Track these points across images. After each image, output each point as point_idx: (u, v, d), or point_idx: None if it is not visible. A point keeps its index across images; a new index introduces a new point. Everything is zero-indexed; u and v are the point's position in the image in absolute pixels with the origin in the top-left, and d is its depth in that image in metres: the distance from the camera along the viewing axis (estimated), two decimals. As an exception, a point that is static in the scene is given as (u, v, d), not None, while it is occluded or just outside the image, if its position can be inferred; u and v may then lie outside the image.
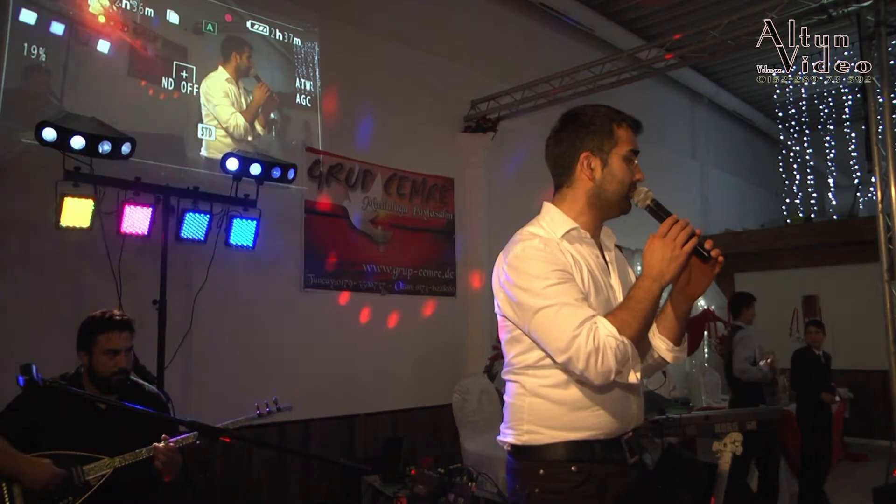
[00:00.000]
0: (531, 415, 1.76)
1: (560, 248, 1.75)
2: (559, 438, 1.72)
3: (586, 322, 1.60)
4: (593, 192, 1.83)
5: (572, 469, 1.71)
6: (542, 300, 1.65)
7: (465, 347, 6.25)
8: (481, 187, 6.50)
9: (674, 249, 1.64)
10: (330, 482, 5.10)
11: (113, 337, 2.74)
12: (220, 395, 4.30)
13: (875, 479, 5.18)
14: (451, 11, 6.65)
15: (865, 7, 4.52)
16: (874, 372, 7.54)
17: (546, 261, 1.70)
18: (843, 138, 10.50)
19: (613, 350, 1.58)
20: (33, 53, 4.00)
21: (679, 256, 1.64)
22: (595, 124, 1.82)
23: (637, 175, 1.81)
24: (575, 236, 1.82)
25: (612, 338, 1.58)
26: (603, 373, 1.59)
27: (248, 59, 4.96)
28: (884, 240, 4.56)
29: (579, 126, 1.84)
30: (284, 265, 5.07)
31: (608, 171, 1.80)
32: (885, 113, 4.50)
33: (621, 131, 1.80)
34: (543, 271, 1.68)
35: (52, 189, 3.64)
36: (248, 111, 4.92)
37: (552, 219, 1.85)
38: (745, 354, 5.43)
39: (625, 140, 1.80)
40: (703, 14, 7.42)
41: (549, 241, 1.76)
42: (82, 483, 2.55)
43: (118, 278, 3.93)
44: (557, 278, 1.67)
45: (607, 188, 1.81)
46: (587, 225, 1.85)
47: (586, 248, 1.83)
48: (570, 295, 1.65)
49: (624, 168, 1.79)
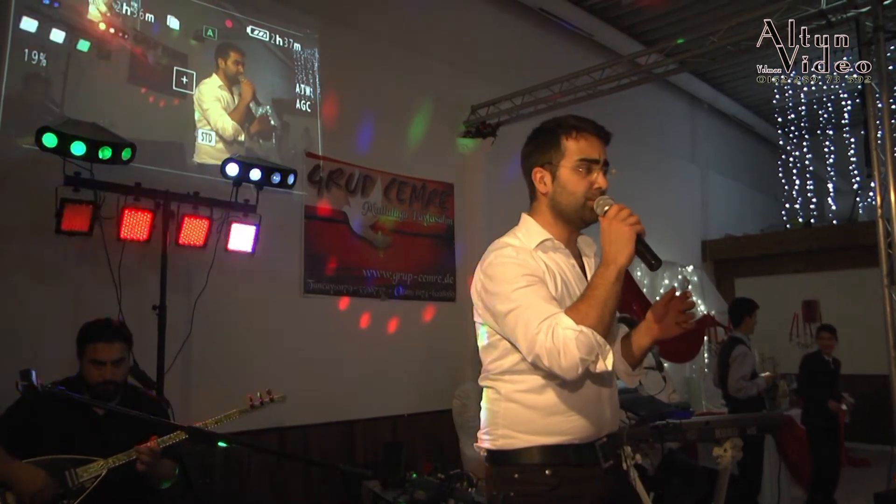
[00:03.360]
0: (506, 419, 1.81)
1: (533, 256, 1.81)
2: (533, 443, 1.77)
3: (546, 319, 1.64)
4: (551, 205, 1.88)
5: (546, 473, 1.75)
6: (509, 303, 1.72)
7: (464, 353, 6.23)
8: (481, 192, 6.51)
9: (620, 227, 1.68)
10: (330, 487, 5.09)
11: (98, 348, 2.74)
12: (220, 401, 4.25)
13: (876, 485, 5.17)
14: (450, 17, 6.66)
15: (864, 13, 4.53)
16: (875, 377, 7.52)
17: (516, 266, 1.76)
18: (843, 143, 10.52)
19: (575, 342, 1.60)
20: (34, 60, 4.02)
21: (624, 234, 1.67)
22: (542, 138, 1.89)
23: (596, 183, 1.82)
24: (549, 246, 1.86)
25: (570, 330, 1.62)
26: (569, 367, 1.62)
27: (234, 63, 4.95)
28: (883, 245, 4.56)
29: (530, 142, 1.93)
30: (284, 270, 5.07)
31: (558, 183, 1.85)
32: (885, 118, 4.50)
33: (571, 142, 1.83)
34: (513, 276, 1.74)
35: (52, 194, 3.65)
36: (235, 111, 4.90)
37: (527, 230, 1.90)
38: (741, 373, 5.28)
39: (574, 150, 1.83)
40: (702, 19, 7.44)
41: (522, 249, 1.82)
42: (77, 485, 2.55)
43: (118, 283, 3.94)
44: (525, 282, 1.72)
45: (559, 200, 1.86)
46: (560, 235, 1.89)
47: (560, 257, 1.88)
48: (536, 295, 1.70)
49: (574, 179, 1.83)
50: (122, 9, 4.42)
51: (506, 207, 6.61)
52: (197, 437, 2.42)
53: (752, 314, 5.58)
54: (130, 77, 4.43)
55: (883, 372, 4.79)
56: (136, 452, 2.60)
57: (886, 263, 4.55)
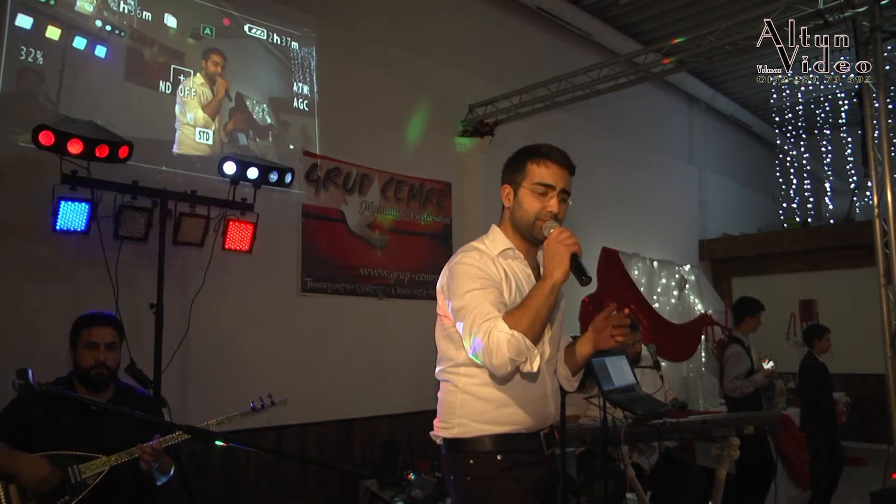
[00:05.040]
0: (462, 410, 2.02)
1: (495, 262, 2.03)
2: (486, 432, 1.99)
3: (487, 321, 1.86)
4: (511, 219, 2.12)
5: (498, 458, 1.97)
6: (461, 301, 1.94)
7: (462, 351, 6.24)
8: (479, 191, 6.50)
9: (558, 247, 1.91)
10: (327, 486, 5.09)
11: (93, 331, 2.82)
12: (218, 399, 4.28)
13: (873, 484, 5.19)
14: (448, 16, 6.66)
15: (861, 13, 4.54)
16: (871, 376, 7.56)
17: (476, 269, 1.98)
18: (840, 143, 10.53)
19: (506, 344, 1.82)
20: (30, 58, 4.01)
21: (560, 252, 1.90)
22: (514, 160, 2.12)
23: (549, 206, 2.03)
24: (510, 255, 2.09)
25: (503, 333, 1.84)
26: (499, 364, 1.85)
27: (213, 65, 4.92)
28: (880, 244, 4.57)
29: (507, 161, 2.16)
30: (282, 269, 5.07)
31: (517, 201, 2.08)
32: (882, 117, 4.51)
33: (534, 166, 2.05)
34: (471, 277, 1.96)
35: (49, 193, 3.64)
36: (209, 106, 4.85)
37: (493, 239, 2.13)
38: (735, 373, 5.26)
39: (535, 174, 2.05)
40: (700, 19, 7.44)
41: (486, 256, 2.04)
42: (79, 482, 2.56)
43: (115, 282, 3.93)
44: (480, 285, 1.94)
45: (517, 215, 2.08)
46: (520, 246, 2.11)
47: (519, 265, 2.09)
48: (486, 297, 1.92)
49: (530, 199, 2.04)
50: (119, 6, 4.41)
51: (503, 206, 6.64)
52: (195, 437, 2.43)
53: (753, 315, 5.50)
54: (127, 75, 4.42)
55: (879, 371, 4.80)
56: (139, 451, 2.61)
57: (883, 263, 4.56)
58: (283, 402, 3.21)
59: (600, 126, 7.94)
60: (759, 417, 4.27)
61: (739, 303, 5.71)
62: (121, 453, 2.62)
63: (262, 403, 3.11)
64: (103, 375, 2.81)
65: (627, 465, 3.78)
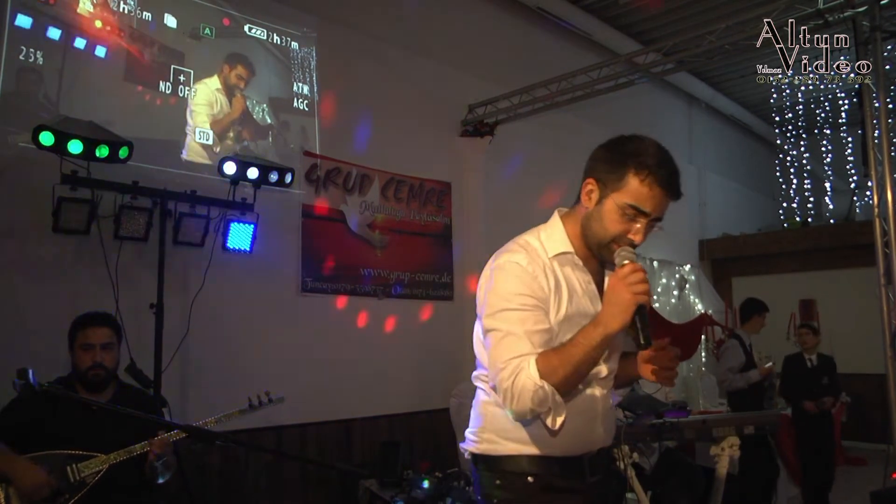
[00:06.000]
0: (492, 425, 1.76)
1: (545, 269, 1.69)
2: (516, 451, 1.72)
3: (516, 359, 1.58)
4: (584, 222, 1.74)
5: (528, 480, 1.71)
6: (493, 321, 1.66)
7: (462, 352, 6.24)
8: (479, 191, 6.51)
9: (624, 291, 1.54)
10: (327, 486, 5.09)
11: (88, 332, 2.82)
12: (218, 399, 4.27)
13: (873, 483, 5.19)
14: (448, 16, 6.66)
15: (861, 12, 4.54)
16: (872, 376, 7.54)
17: (520, 282, 1.65)
18: (840, 142, 10.53)
19: (531, 394, 1.56)
20: (30, 58, 4.01)
21: (624, 300, 1.54)
22: (614, 156, 1.69)
23: (633, 233, 1.66)
24: (567, 260, 1.74)
25: (530, 381, 1.55)
26: (518, 412, 1.61)
27: (237, 77, 4.94)
28: (880, 244, 4.57)
29: (607, 148, 1.74)
30: (282, 269, 5.07)
31: (598, 208, 1.69)
32: (882, 117, 4.51)
33: (635, 180, 1.63)
34: (510, 292, 1.65)
35: (49, 193, 3.65)
36: (218, 123, 4.85)
37: (551, 235, 1.78)
38: (728, 365, 5.39)
39: (632, 192, 1.63)
40: (700, 19, 7.45)
41: (537, 258, 1.70)
42: (78, 481, 2.56)
43: (115, 282, 3.93)
44: (518, 304, 1.63)
45: (591, 225, 1.71)
46: (581, 250, 1.76)
47: (577, 273, 1.75)
48: (522, 325, 1.61)
49: (614, 217, 1.66)
50: (119, 6, 4.41)
51: (503, 206, 6.66)
52: (195, 436, 2.43)
53: (761, 314, 5.69)
54: (127, 75, 4.42)
55: (880, 371, 4.80)
56: (149, 444, 2.63)
57: (883, 263, 4.56)
58: (280, 399, 3.23)
59: (600, 126, 7.93)
60: (759, 417, 4.27)
61: (748, 302, 5.84)
62: (119, 451, 2.63)
63: (259, 401, 3.13)
64: (100, 376, 2.80)
65: (627, 465, 3.78)
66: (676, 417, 3.94)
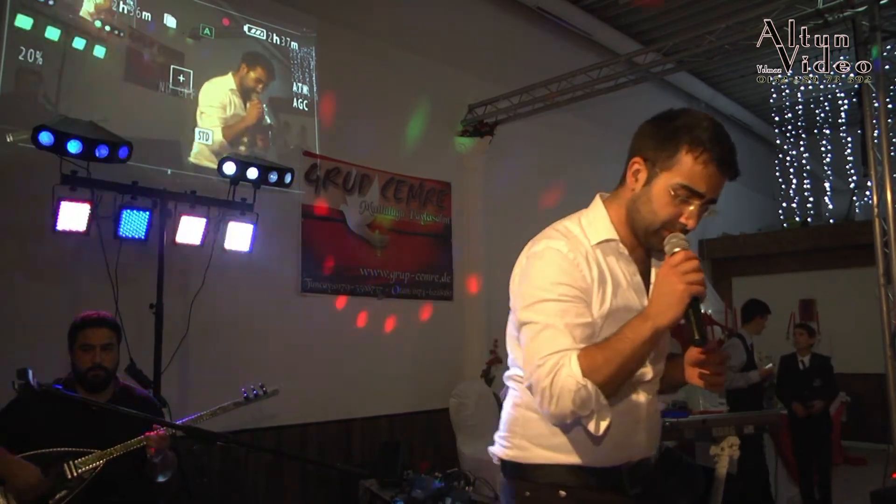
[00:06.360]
0: (524, 429, 1.61)
1: (587, 258, 1.51)
2: (548, 460, 1.56)
3: (556, 354, 1.42)
4: (630, 205, 1.56)
5: (560, 494, 1.54)
6: (529, 313, 1.49)
7: (462, 352, 6.25)
8: (479, 191, 6.51)
9: (676, 281, 1.38)
10: (327, 486, 5.09)
11: (88, 333, 2.81)
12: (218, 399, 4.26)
13: (873, 483, 5.19)
14: (448, 16, 6.66)
15: (860, 12, 4.54)
16: (871, 375, 7.55)
17: (559, 270, 1.48)
18: (840, 142, 10.53)
19: (572, 393, 1.38)
20: (30, 58, 4.01)
21: (677, 290, 1.37)
22: (665, 131, 1.51)
23: (685, 217, 1.48)
24: (611, 248, 1.56)
25: (572, 379, 1.39)
26: (556, 414, 1.43)
27: (255, 80, 4.93)
28: (880, 244, 4.57)
29: (654, 123, 1.56)
30: (281, 269, 5.07)
31: (647, 189, 1.51)
32: (881, 117, 4.51)
33: (689, 158, 1.45)
34: (548, 281, 1.48)
35: (48, 193, 3.64)
36: (230, 129, 4.86)
37: (593, 220, 1.59)
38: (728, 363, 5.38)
39: (685, 171, 1.46)
40: (700, 19, 7.44)
41: (579, 245, 1.53)
42: (75, 477, 2.56)
43: (115, 282, 3.93)
44: (558, 294, 1.46)
45: (639, 208, 1.53)
46: (627, 237, 1.58)
47: (622, 263, 1.57)
48: (562, 317, 1.45)
49: (665, 200, 1.48)
50: (119, 6, 4.41)
51: (503, 206, 6.66)
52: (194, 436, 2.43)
53: (763, 315, 5.74)
54: (126, 75, 4.42)
55: (880, 371, 4.80)
56: (146, 439, 2.62)
57: (883, 263, 4.56)
58: (275, 392, 3.25)
59: (600, 126, 7.93)
60: (759, 417, 4.27)
61: (751, 303, 5.87)
62: (116, 447, 2.63)
63: (254, 392, 3.14)
64: (100, 377, 2.80)
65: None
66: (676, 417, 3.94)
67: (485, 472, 4.84)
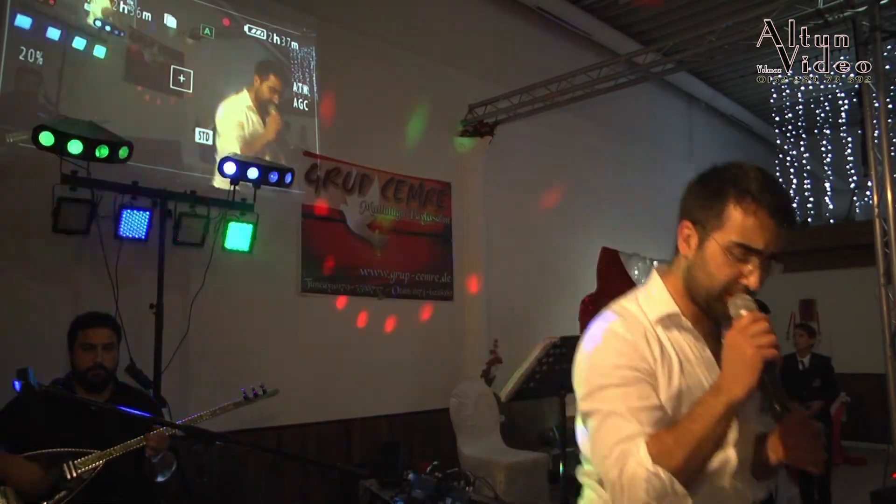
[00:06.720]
0: None
1: (647, 336, 1.41)
2: None
3: (623, 443, 1.30)
4: (685, 274, 1.44)
5: None
6: (590, 402, 1.38)
7: (462, 352, 6.24)
8: (478, 191, 6.51)
9: (745, 346, 1.26)
10: (327, 486, 5.09)
11: (89, 332, 2.82)
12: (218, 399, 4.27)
13: (873, 483, 5.19)
14: (448, 16, 6.66)
15: (861, 12, 4.54)
16: (871, 375, 7.54)
17: (617, 353, 1.38)
18: (840, 142, 10.53)
19: (643, 483, 1.26)
20: (30, 58, 4.01)
21: (748, 356, 1.25)
22: (709, 188, 1.40)
23: (746, 278, 1.35)
24: (673, 322, 1.45)
25: (641, 467, 1.27)
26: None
27: (269, 90, 4.93)
28: (880, 244, 4.57)
29: (698, 182, 1.45)
30: (281, 269, 5.07)
31: (700, 255, 1.40)
32: (881, 117, 4.51)
33: (738, 213, 1.35)
34: (606, 366, 1.37)
35: (49, 193, 3.64)
36: (249, 146, 4.86)
37: (651, 295, 1.49)
38: None
39: (736, 227, 1.34)
40: (700, 18, 7.44)
41: (637, 324, 1.42)
42: (75, 477, 2.56)
43: (115, 282, 3.94)
44: (619, 379, 1.35)
45: (695, 275, 1.41)
46: (689, 309, 1.45)
47: (687, 337, 1.45)
48: (626, 402, 1.33)
49: (720, 261, 1.36)
50: (119, 6, 4.41)
51: (503, 206, 6.66)
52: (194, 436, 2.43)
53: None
54: (127, 75, 4.42)
55: (880, 371, 4.80)
56: (145, 439, 2.62)
57: (883, 263, 4.56)
58: (274, 392, 3.25)
59: (600, 126, 7.94)
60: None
61: None
62: (115, 447, 2.63)
63: (254, 392, 3.14)
64: (101, 376, 2.81)
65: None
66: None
67: (485, 472, 4.85)
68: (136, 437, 2.66)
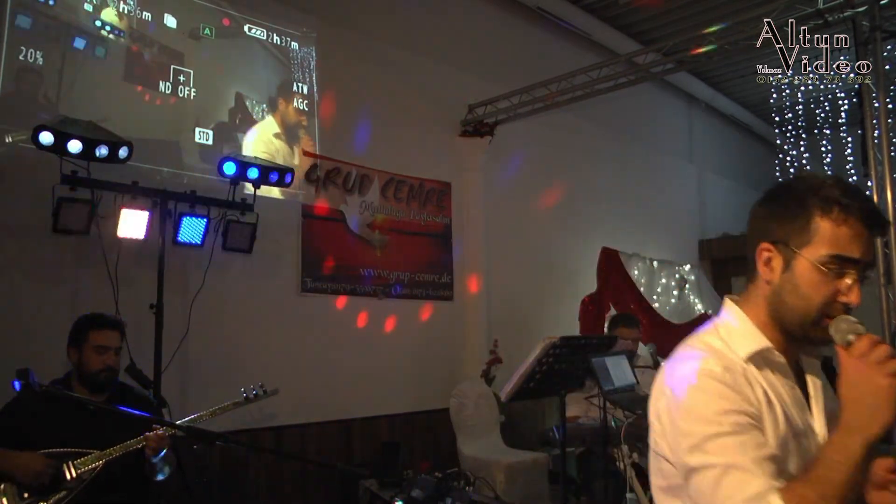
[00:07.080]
0: None
1: (747, 376, 1.25)
2: None
3: (754, 501, 1.12)
4: (771, 301, 1.30)
5: None
6: (700, 456, 1.18)
7: (462, 352, 6.24)
8: (479, 191, 6.51)
9: (875, 376, 1.11)
10: (327, 486, 5.09)
11: (104, 335, 2.85)
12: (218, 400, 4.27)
13: (872, 483, 5.17)
14: (448, 16, 6.66)
15: (861, 12, 4.54)
16: (871, 376, 7.53)
17: (721, 396, 1.20)
18: (840, 143, 10.52)
19: None
20: (30, 58, 4.01)
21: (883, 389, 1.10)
22: (788, 203, 1.28)
23: (845, 295, 1.22)
24: (766, 359, 1.29)
25: None
26: None
27: (296, 112, 4.93)
28: (880, 244, 4.57)
29: (770, 200, 1.34)
30: (281, 269, 5.07)
31: (789, 276, 1.26)
32: (881, 117, 4.51)
33: (827, 223, 1.22)
34: (712, 412, 1.19)
35: (49, 193, 3.64)
36: None
37: (734, 329, 1.32)
38: None
39: (828, 238, 1.22)
40: (700, 18, 7.44)
41: (731, 363, 1.26)
42: (75, 478, 2.57)
43: (115, 282, 3.93)
44: (731, 426, 1.17)
45: (785, 300, 1.27)
46: (776, 340, 1.30)
47: (780, 375, 1.30)
48: (745, 453, 1.15)
49: (815, 279, 1.23)
50: (119, 6, 4.41)
51: (503, 206, 6.66)
52: (194, 436, 2.43)
53: None
54: (126, 75, 4.42)
55: (879, 371, 4.79)
56: (145, 439, 2.63)
57: (883, 263, 4.56)
58: (274, 392, 3.26)
59: (600, 126, 7.94)
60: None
61: None
62: (115, 447, 2.63)
63: (253, 392, 3.15)
64: (110, 379, 2.85)
65: (627, 465, 3.78)
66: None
67: (484, 472, 4.85)
68: (135, 438, 2.67)
